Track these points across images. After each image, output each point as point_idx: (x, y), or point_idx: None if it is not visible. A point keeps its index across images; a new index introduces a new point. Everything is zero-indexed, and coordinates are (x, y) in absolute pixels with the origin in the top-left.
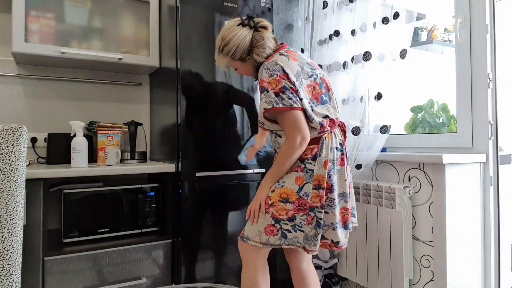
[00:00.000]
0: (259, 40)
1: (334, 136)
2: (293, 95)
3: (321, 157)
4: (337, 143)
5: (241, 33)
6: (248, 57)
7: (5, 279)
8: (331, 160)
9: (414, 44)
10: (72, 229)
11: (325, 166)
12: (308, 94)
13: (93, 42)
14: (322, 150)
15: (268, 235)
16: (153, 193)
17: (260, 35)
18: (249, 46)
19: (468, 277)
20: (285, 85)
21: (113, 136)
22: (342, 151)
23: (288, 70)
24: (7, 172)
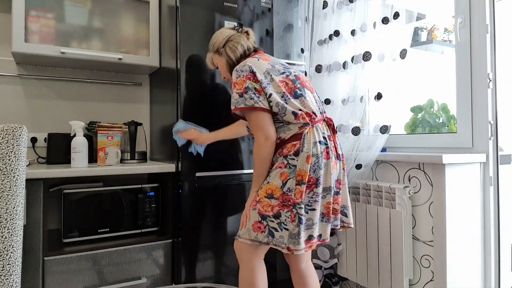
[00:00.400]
0: (236, 37)
1: (316, 130)
2: (256, 95)
3: (303, 152)
4: (320, 137)
5: (225, 31)
6: (222, 49)
7: (5, 279)
8: (315, 154)
9: (414, 44)
10: (72, 229)
11: (307, 161)
12: (281, 88)
13: (93, 42)
14: (304, 145)
15: (256, 232)
16: (153, 193)
17: (238, 35)
18: (226, 40)
19: (468, 277)
20: (248, 86)
21: (113, 136)
22: (326, 144)
23: (256, 69)
24: (7, 172)
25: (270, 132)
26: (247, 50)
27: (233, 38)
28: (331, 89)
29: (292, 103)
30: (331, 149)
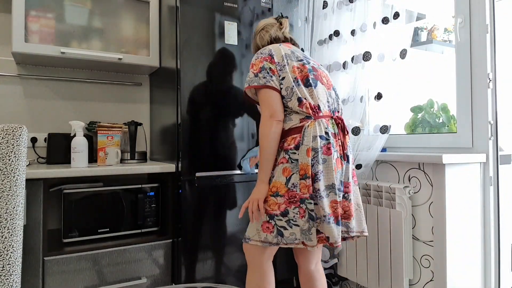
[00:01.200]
0: (268, 27)
1: (318, 124)
2: (269, 74)
3: (303, 145)
4: (321, 131)
5: (266, 20)
6: (257, 35)
7: (5, 279)
8: (314, 148)
9: (414, 44)
10: (72, 229)
11: (308, 154)
12: (294, 74)
13: (93, 42)
14: (304, 138)
15: (265, 233)
16: (153, 193)
17: (271, 25)
18: (261, 28)
19: (468, 277)
20: (263, 66)
21: (113, 136)
22: (328, 139)
23: (274, 53)
24: (7, 172)
25: (277, 110)
26: (273, 40)
27: (267, 27)
28: None
29: (300, 89)
30: (334, 146)
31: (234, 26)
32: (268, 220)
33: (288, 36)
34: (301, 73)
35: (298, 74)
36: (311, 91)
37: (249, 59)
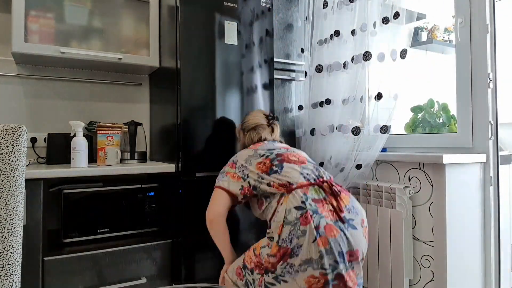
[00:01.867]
0: (261, 129)
1: (292, 196)
2: (222, 176)
3: (275, 222)
4: (297, 202)
5: (259, 117)
6: (247, 133)
7: (5, 279)
8: (289, 222)
9: (414, 44)
10: (72, 229)
11: (279, 230)
12: (257, 170)
13: (93, 42)
14: (276, 214)
15: (236, 277)
16: (153, 193)
17: (264, 128)
18: (254, 127)
19: (468, 277)
20: (223, 169)
21: (113, 136)
22: (304, 208)
23: (238, 158)
24: (7, 172)
25: (215, 209)
26: (259, 140)
27: (259, 128)
28: (331, 89)
29: (266, 180)
30: (317, 213)
31: (234, 26)
32: (241, 267)
33: (277, 140)
34: (264, 166)
35: (262, 168)
36: (276, 176)
37: (249, 59)
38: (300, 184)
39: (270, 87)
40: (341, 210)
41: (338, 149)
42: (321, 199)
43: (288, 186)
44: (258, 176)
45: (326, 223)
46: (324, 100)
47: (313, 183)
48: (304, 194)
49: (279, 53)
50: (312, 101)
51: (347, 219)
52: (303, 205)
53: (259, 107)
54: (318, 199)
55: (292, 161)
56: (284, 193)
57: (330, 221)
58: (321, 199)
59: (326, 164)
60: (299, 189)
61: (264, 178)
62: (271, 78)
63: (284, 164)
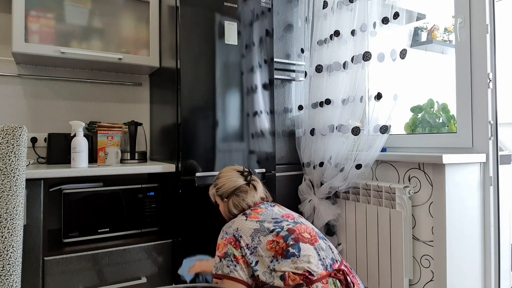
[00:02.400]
0: (243, 192)
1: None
2: (233, 263)
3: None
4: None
5: (234, 179)
6: (226, 199)
7: (5, 279)
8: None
9: (414, 44)
10: (72, 229)
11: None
12: (270, 251)
13: (93, 42)
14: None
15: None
16: (153, 193)
17: (246, 189)
18: (233, 190)
19: (468, 277)
20: (227, 251)
21: (113, 136)
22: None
23: (241, 233)
24: (7, 172)
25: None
26: (248, 207)
27: (241, 192)
28: (331, 89)
29: (281, 266)
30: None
31: (234, 26)
32: None
33: (263, 196)
34: (278, 245)
35: (275, 249)
36: (294, 261)
37: (249, 59)
38: (320, 276)
39: (270, 87)
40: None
41: (338, 149)
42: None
43: (309, 278)
44: (272, 260)
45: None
46: (324, 100)
47: (330, 272)
48: None
49: (279, 53)
50: (312, 101)
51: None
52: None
53: (259, 107)
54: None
55: (307, 239)
56: (302, 284)
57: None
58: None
59: (326, 164)
60: (320, 283)
61: (280, 261)
62: (271, 78)
63: (301, 245)
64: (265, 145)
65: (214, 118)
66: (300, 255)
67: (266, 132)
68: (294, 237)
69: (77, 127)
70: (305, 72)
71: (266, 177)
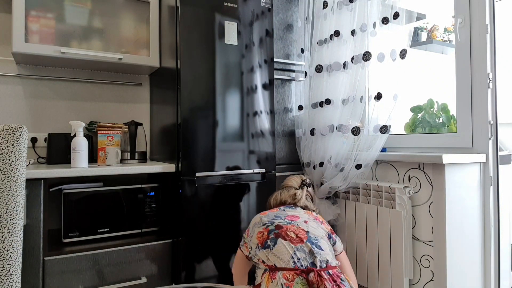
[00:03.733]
0: (286, 192)
1: (274, 282)
2: (242, 243)
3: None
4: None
5: (293, 181)
6: (277, 192)
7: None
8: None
9: (414, 44)
10: (72, 229)
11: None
12: (256, 240)
13: (93, 42)
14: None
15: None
16: (153, 193)
17: (288, 192)
18: (283, 188)
19: (468, 277)
20: (243, 235)
21: (113, 136)
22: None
23: (251, 225)
24: (7, 172)
25: (236, 268)
26: (278, 203)
27: (285, 191)
28: (331, 89)
29: (260, 253)
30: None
31: (234, 26)
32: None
33: (303, 206)
34: (262, 237)
35: (260, 239)
36: (267, 252)
37: (249, 59)
38: (285, 268)
39: (270, 87)
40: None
41: (338, 149)
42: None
43: (274, 267)
44: (256, 246)
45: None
46: (324, 100)
47: (302, 270)
48: (285, 281)
49: (279, 53)
50: (312, 101)
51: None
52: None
53: (259, 107)
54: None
55: (289, 238)
56: (267, 269)
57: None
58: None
59: (326, 164)
60: (281, 272)
61: (259, 250)
62: (271, 78)
63: (279, 241)
64: (265, 145)
65: (214, 118)
66: (273, 249)
67: (266, 132)
68: (278, 232)
69: (77, 127)
70: (305, 72)
71: (266, 177)
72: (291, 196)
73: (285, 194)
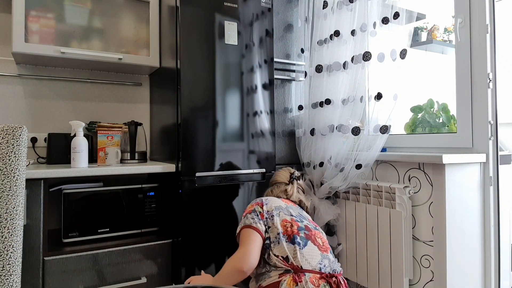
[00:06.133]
0: (282, 184)
1: (296, 279)
2: (258, 217)
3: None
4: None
5: (283, 174)
6: (271, 187)
7: (5, 279)
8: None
9: (414, 44)
10: (72, 229)
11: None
12: (281, 227)
13: (93, 42)
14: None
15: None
16: (153, 193)
17: (285, 187)
18: (275, 182)
19: (468, 277)
20: (255, 209)
21: (113, 136)
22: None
23: (268, 202)
24: (7, 172)
25: (253, 257)
26: (278, 197)
27: (281, 184)
28: (331, 89)
29: (281, 247)
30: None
31: (234, 26)
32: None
33: (296, 201)
34: (291, 227)
35: (286, 228)
36: (295, 250)
37: (249, 59)
38: (311, 270)
39: (270, 87)
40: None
41: (338, 149)
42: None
43: (299, 269)
44: (278, 234)
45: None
46: (324, 100)
47: (323, 273)
48: (309, 283)
49: (279, 53)
50: (312, 101)
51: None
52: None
53: (259, 107)
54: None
55: (318, 244)
56: (290, 270)
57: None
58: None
59: (326, 164)
60: (310, 274)
61: (284, 242)
62: (271, 78)
63: (309, 243)
64: (265, 145)
65: (214, 118)
66: (303, 249)
67: (266, 132)
68: (308, 234)
69: (77, 127)
70: (305, 72)
71: (266, 177)
72: (283, 192)
73: (276, 191)
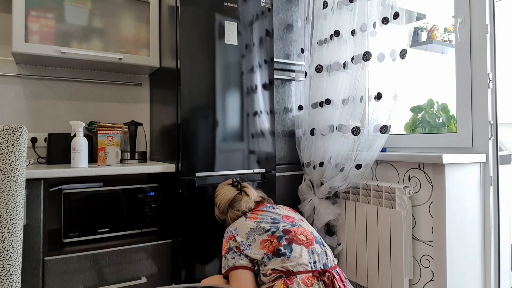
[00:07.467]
0: (237, 201)
1: (288, 283)
2: (237, 254)
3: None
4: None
5: (226, 192)
6: (227, 213)
7: (5, 279)
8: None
9: (414, 44)
10: (72, 229)
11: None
12: (262, 250)
13: (93, 42)
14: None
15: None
16: (153, 193)
17: (240, 198)
18: (229, 204)
19: (468, 277)
20: (230, 246)
21: (113, 136)
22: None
23: (239, 231)
24: (7, 172)
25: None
26: (246, 211)
27: (235, 202)
28: (331, 89)
29: (270, 264)
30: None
31: (234, 26)
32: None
33: (258, 200)
34: (271, 245)
35: (268, 247)
36: (283, 261)
37: (249, 59)
38: (303, 272)
39: (270, 87)
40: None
41: (338, 149)
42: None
43: (291, 272)
44: (263, 257)
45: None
46: (324, 100)
47: (319, 271)
48: (302, 285)
49: (279, 53)
50: (312, 101)
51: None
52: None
53: (259, 107)
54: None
55: (301, 241)
56: (281, 275)
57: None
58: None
59: (326, 164)
60: (301, 275)
61: (271, 260)
62: (271, 78)
63: (293, 247)
64: (265, 145)
65: (214, 118)
66: (290, 256)
67: (266, 132)
68: (289, 238)
69: (77, 127)
70: (305, 72)
71: (266, 177)
72: (241, 206)
73: (235, 213)
